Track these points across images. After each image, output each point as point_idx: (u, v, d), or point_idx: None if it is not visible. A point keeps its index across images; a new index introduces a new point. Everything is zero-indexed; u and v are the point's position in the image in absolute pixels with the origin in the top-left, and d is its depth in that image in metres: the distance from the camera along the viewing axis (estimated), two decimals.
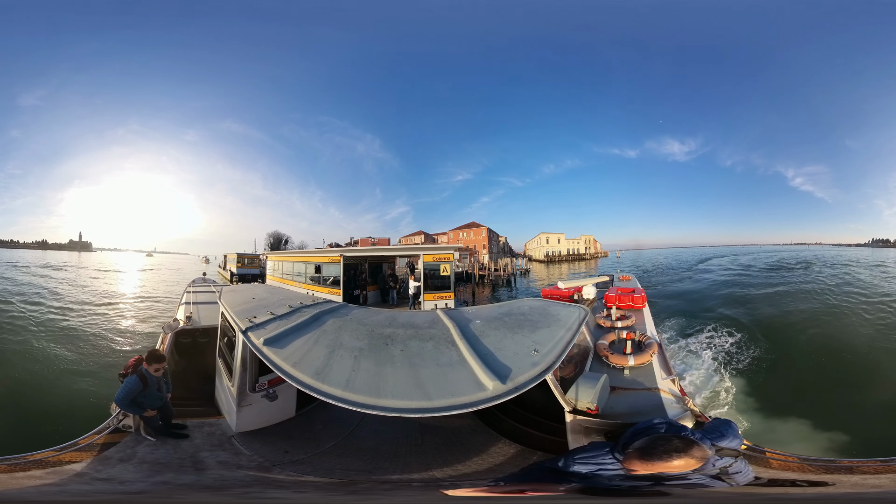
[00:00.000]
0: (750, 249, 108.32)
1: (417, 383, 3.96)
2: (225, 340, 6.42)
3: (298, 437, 5.56)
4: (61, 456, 4.41)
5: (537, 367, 4.09)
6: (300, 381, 4.07)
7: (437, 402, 3.68)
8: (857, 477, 3.62)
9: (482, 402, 3.67)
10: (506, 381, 3.86)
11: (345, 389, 3.89)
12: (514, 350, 4.48)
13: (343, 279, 16.01)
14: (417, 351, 4.60)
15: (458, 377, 4.01)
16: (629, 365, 5.88)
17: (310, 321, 5.52)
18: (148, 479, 4.28)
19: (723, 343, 15.31)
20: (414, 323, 5.59)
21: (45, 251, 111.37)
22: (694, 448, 3.04)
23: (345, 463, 5.01)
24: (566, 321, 5.29)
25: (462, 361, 4.27)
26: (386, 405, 3.70)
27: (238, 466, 4.70)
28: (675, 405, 4.79)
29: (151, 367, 5.12)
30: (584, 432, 4.41)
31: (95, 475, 4.22)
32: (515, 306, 6.29)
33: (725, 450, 3.34)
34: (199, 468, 4.58)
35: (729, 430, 3.55)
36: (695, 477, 3.12)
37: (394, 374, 4.16)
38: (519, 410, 5.44)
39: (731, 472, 3.27)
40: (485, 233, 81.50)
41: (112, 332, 17.93)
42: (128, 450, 4.72)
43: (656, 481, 3.15)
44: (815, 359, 13.73)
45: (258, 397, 5.54)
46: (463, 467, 4.82)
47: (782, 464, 3.83)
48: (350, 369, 4.24)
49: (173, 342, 8.43)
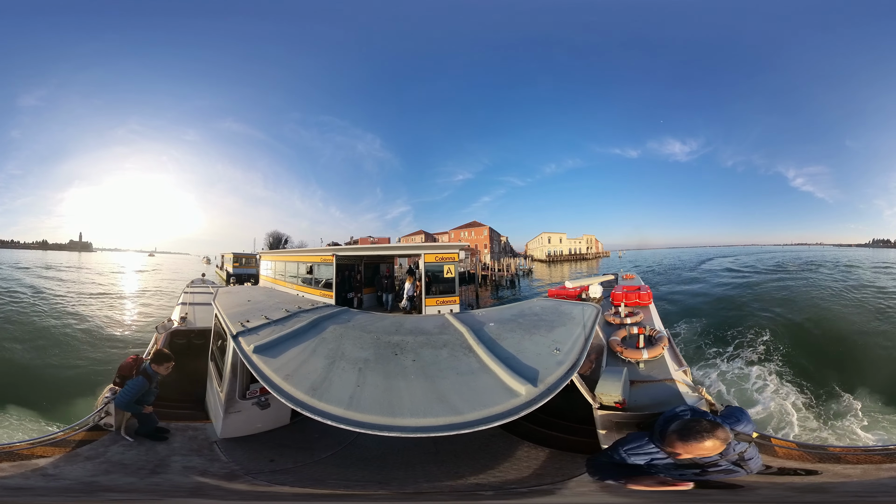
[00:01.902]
0: (750, 250, 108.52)
1: (439, 397, 3.61)
2: (218, 343, 6.15)
3: (291, 445, 5.24)
4: (34, 450, 4.36)
5: (563, 366, 3.96)
6: (292, 397, 3.61)
7: (469, 416, 3.33)
8: (840, 466, 3.82)
9: (518, 409, 3.40)
10: (537, 383, 3.64)
11: (348, 408, 3.47)
12: (536, 351, 4.32)
13: (336, 281, 15.42)
14: (432, 360, 4.30)
15: (483, 385, 3.73)
16: (643, 358, 5.91)
17: (307, 328, 5.19)
18: (86, 478, 4.09)
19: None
20: (423, 329, 5.31)
21: (46, 251, 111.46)
22: (718, 430, 3.28)
23: (343, 473, 4.71)
24: (580, 319, 5.30)
25: (484, 368, 4.03)
26: (404, 424, 3.29)
27: (202, 473, 4.39)
28: (692, 394, 4.89)
29: (161, 366, 5.07)
30: (614, 427, 4.36)
31: (50, 471, 4.12)
32: (527, 307, 6.21)
33: (741, 434, 3.54)
34: (155, 472, 4.33)
35: (743, 416, 3.75)
36: (723, 463, 3.36)
37: (408, 387, 3.81)
38: (535, 413, 5.37)
39: (747, 459, 3.47)
40: (486, 232, 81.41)
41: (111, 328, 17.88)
42: (101, 448, 4.59)
43: (700, 468, 3.36)
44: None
45: (248, 404, 5.23)
46: (501, 473, 4.51)
47: (785, 452, 4.03)
48: (354, 384, 3.85)
49: (167, 343, 8.18)
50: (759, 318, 18.53)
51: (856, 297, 22.78)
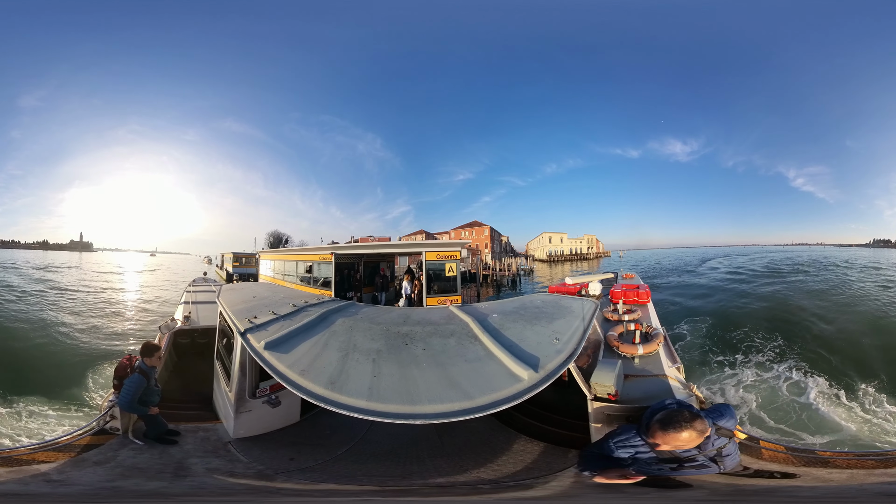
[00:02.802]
0: (751, 250, 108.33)
1: (451, 383, 3.67)
2: (224, 342, 6.07)
3: (304, 443, 5.19)
4: (35, 455, 4.32)
5: (562, 354, 4.10)
6: (312, 392, 3.59)
7: (480, 401, 3.44)
8: (824, 471, 3.79)
9: (521, 393, 3.55)
10: (538, 369, 3.77)
11: (369, 399, 3.45)
12: (537, 340, 4.45)
13: (335, 279, 14.51)
14: (441, 348, 4.36)
15: (491, 371, 3.84)
16: (638, 354, 6.14)
17: (317, 321, 5.13)
18: (104, 483, 4.00)
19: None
20: (430, 319, 5.38)
21: (47, 251, 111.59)
22: (696, 420, 3.37)
23: (365, 469, 4.70)
24: (579, 312, 5.35)
25: (490, 355, 4.13)
26: (426, 412, 3.35)
27: (232, 474, 4.37)
28: (682, 390, 5.10)
29: (153, 357, 5.04)
30: (605, 419, 4.52)
31: (54, 476, 4.03)
32: (528, 300, 6.32)
33: (722, 429, 3.61)
34: (180, 475, 4.27)
35: (727, 411, 3.86)
36: (700, 458, 3.44)
37: (422, 375, 3.84)
38: (530, 407, 5.46)
39: (724, 455, 3.54)
40: (487, 232, 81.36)
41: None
42: (109, 452, 4.53)
43: (678, 463, 3.43)
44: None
45: (259, 403, 5.20)
46: (502, 467, 4.64)
47: (772, 455, 4.03)
48: (371, 375, 3.83)
49: (171, 343, 8.19)
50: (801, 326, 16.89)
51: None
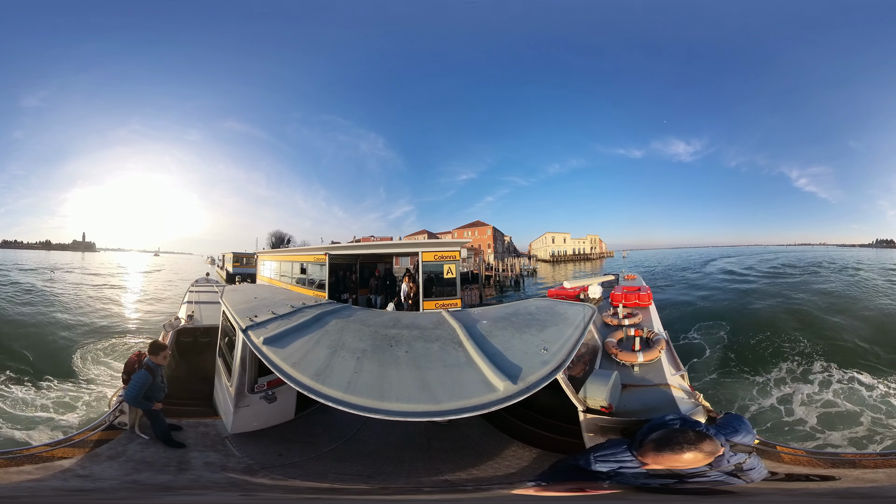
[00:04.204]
0: (754, 250, 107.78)
1: (423, 385, 3.84)
2: (226, 340, 6.42)
3: (296, 440, 5.51)
4: (54, 451, 4.50)
5: (548, 366, 4.00)
6: (299, 381, 3.96)
7: (445, 405, 3.57)
8: (858, 471, 3.78)
9: (492, 403, 3.55)
10: (516, 381, 3.74)
11: (346, 392, 3.78)
12: (524, 349, 4.40)
13: (329, 281, 13.88)
14: (423, 352, 4.52)
15: (466, 378, 3.90)
16: (638, 362, 5.86)
17: (312, 321, 5.49)
18: (125, 477, 4.25)
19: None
20: (419, 324, 5.56)
21: (49, 251, 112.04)
22: (705, 441, 3.08)
23: (341, 467, 4.92)
24: (574, 320, 5.22)
25: (470, 362, 4.18)
26: (389, 408, 3.58)
27: (223, 468, 4.62)
28: (687, 400, 4.83)
29: (159, 356, 5.26)
30: (599, 431, 4.37)
31: (79, 472, 4.24)
32: (522, 306, 6.28)
33: (739, 445, 3.36)
34: (182, 469, 4.54)
35: (742, 426, 3.56)
36: (712, 473, 3.16)
37: (398, 375, 4.06)
38: (528, 412, 5.37)
39: (746, 469, 3.29)
40: (490, 232, 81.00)
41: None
42: (119, 447, 4.78)
43: (677, 478, 3.17)
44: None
45: (256, 398, 5.49)
46: (477, 471, 4.73)
47: (793, 458, 3.95)
48: (352, 371, 4.13)
49: (174, 341, 8.45)
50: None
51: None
